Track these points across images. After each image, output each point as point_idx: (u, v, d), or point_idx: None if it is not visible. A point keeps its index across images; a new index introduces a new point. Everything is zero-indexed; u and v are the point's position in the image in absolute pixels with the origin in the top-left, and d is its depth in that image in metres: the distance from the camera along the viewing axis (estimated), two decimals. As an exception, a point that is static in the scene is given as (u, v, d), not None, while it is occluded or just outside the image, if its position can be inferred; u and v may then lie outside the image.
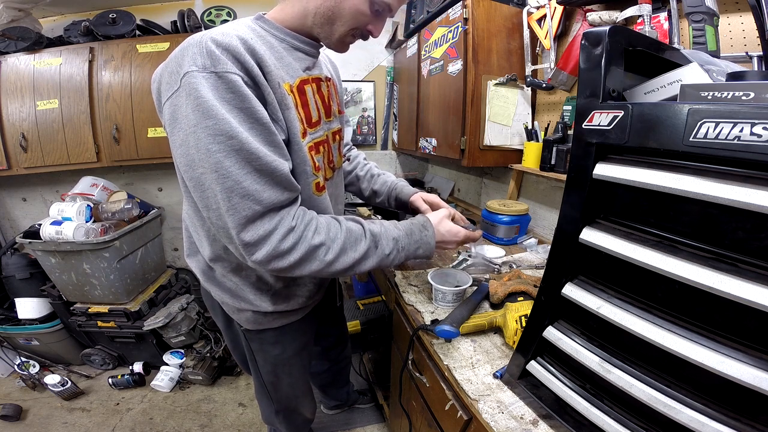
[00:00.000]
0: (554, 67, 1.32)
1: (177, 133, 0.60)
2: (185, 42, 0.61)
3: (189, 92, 0.57)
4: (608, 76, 0.47)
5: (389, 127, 2.51)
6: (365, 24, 0.73)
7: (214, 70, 0.58)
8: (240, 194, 0.60)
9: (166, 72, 0.61)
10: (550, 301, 0.58)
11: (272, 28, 0.73)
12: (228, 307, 0.90)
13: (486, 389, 0.70)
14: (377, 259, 0.75)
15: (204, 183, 0.60)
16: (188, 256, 0.90)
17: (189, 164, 0.61)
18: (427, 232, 0.83)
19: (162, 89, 0.62)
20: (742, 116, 0.34)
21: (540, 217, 1.55)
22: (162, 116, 0.65)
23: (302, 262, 0.67)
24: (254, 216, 0.61)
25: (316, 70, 0.80)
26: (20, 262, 1.93)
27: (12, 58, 1.85)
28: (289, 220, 0.65)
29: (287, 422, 1.17)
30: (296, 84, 0.72)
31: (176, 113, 0.59)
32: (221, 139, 0.58)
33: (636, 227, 0.48)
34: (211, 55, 0.58)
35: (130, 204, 1.93)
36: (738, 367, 0.37)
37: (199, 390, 1.96)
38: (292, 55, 0.74)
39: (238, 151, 0.59)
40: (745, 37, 0.85)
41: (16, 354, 1.99)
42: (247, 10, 2.12)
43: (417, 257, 0.82)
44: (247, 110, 0.60)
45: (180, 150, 0.61)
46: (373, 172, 1.18)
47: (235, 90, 0.59)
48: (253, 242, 0.62)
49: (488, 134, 1.46)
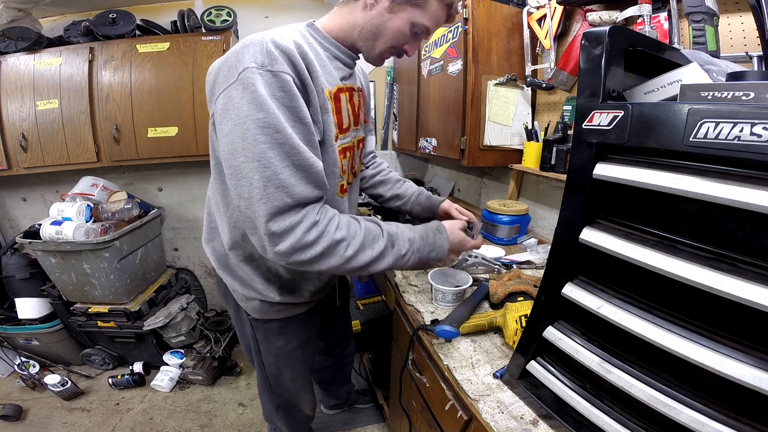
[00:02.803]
0: (554, 67, 1.32)
1: (226, 122, 0.64)
2: (246, 40, 0.66)
3: (246, 86, 0.61)
4: (608, 76, 0.47)
5: (389, 127, 2.51)
6: (403, 43, 0.79)
7: (271, 69, 0.62)
8: (276, 184, 0.63)
9: (225, 66, 0.66)
10: (550, 301, 0.58)
11: (320, 37, 0.78)
12: (238, 295, 0.93)
13: (486, 389, 0.70)
14: (393, 258, 0.76)
15: (242, 171, 0.63)
16: (206, 241, 0.93)
17: (232, 152, 0.64)
18: (441, 236, 0.84)
19: (218, 81, 0.66)
20: (742, 116, 0.34)
21: (540, 217, 1.55)
22: (213, 106, 0.69)
23: (323, 256, 0.69)
24: (284, 207, 0.64)
25: (351, 80, 0.85)
26: (20, 262, 1.93)
27: (12, 58, 1.85)
28: (313, 215, 0.68)
29: (288, 418, 1.17)
30: (334, 91, 0.76)
31: (229, 104, 0.63)
32: (269, 131, 0.62)
33: (636, 227, 0.48)
34: (270, 54, 0.63)
35: (130, 204, 1.93)
36: (738, 367, 0.37)
37: (199, 390, 1.96)
38: (333, 64, 0.79)
39: (282, 145, 0.63)
40: (745, 37, 0.85)
41: (16, 354, 1.99)
42: (247, 10, 2.12)
43: (430, 260, 0.83)
44: (294, 109, 0.65)
45: (227, 138, 0.64)
46: (397, 178, 1.24)
47: (286, 89, 0.63)
48: (279, 233, 0.65)
49: (488, 134, 1.46)
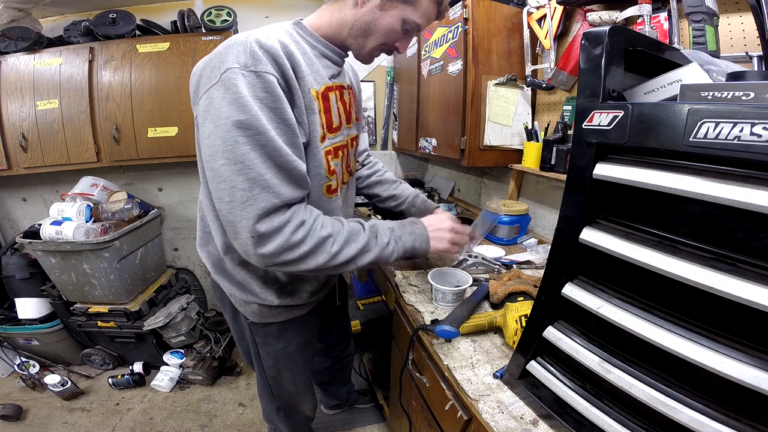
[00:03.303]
0: (554, 67, 1.32)
1: (207, 123, 0.63)
2: (230, 39, 0.65)
3: (227, 87, 0.61)
4: (608, 76, 0.47)
5: (389, 127, 2.51)
6: (394, 40, 0.79)
7: (254, 69, 0.61)
8: (261, 186, 0.63)
9: (209, 66, 0.64)
10: (550, 301, 0.58)
11: (308, 35, 0.77)
12: (235, 299, 0.92)
13: (486, 389, 0.70)
14: (378, 249, 0.77)
15: (222, 174, 0.63)
16: (200, 245, 0.92)
17: (212, 154, 0.63)
18: (416, 225, 0.87)
19: (201, 81, 0.65)
20: (742, 116, 0.34)
21: (540, 217, 1.55)
22: (196, 107, 0.68)
23: (310, 254, 0.69)
24: (272, 208, 0.64)
25: (340, 78, 0.84)
26: (20, 262, 1.93)
27: (12, 58, 1.85)
28: (300, 214, 0.69)
29: (288, 419, 1.17)
30: (322, 90, 0.76)
31: (210, 105, 0.63)
32: (251, 133, 0.61)
33: (636, 227, 0.48)
34: (254, 54, 0.62)
35: (130, 204, 1.93)
36: (738, 367, 0.37)
37: (199, 390, 1.96)
38: (321, 63, 0.78)
39: (264, 146, 0.62)
40: (745, 37, 0.85)
41: (16, 354, 1.99)
42: (247, 10, 2.12)
43: (415, 252, 0.84)
44: (277, 110, 0.64)
45: (207, 140, 0.64)
46: (393, 179, 1.26)
47: (269, 90, 0.63)
48: (267, 233, 0.65)
49: (488, 134, 1.46)
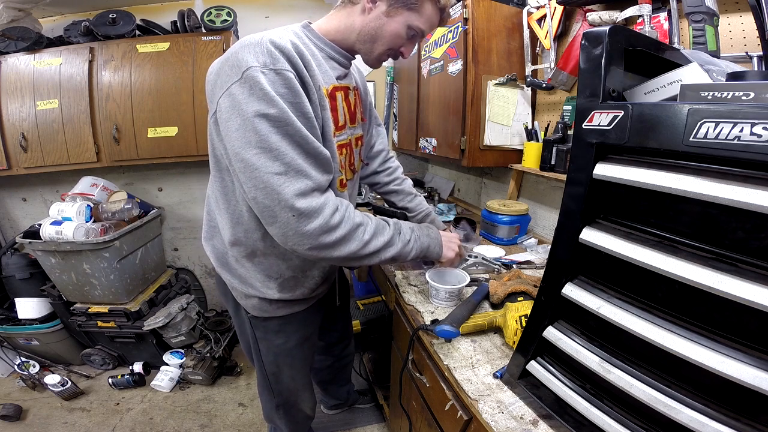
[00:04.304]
0: (554, 67, 1.32)
1: (234, 118, 0.66)
2: (244, 40, 0.68)
3: (252, 84, 0.64)
4: (608, 76, 0.47)
5: (389, 127, 2.51)
6: (399, 46, 0.83)
7: (273, 67, 0.65)
8: (296, 169, 0.67)
9: (226, 65, 0.68)
10: (550, 301, 0.58)
11: (315, 38, 0.81)
12: (237, 292, 0.94)
13: (486, 389, 0.70)
14: (401, 245, 0.83)
15: (255, 163, 0.66)
16: (205, 239, 0.94)
17: (243, 146, 0.66)
18: (431, 229, 0.94)
19: (219, 81, 0.69)
20: (742, 116, 0.34)
21: (540, 217, 1.55)
22: (214, 106, 0.71)
23: (345, 240, 0.73)
24: (307, 190, 0.69)
25: (347, 79, 0.88)
26: (20, 262, 1.93)
27: (12, 58, 1.85)
28: (334, 199, 0.73)
29: (287, 417, 1.17)
30: (330, 89, 0.79)
31: (234, 101, 0.66)
32: (279, 124, 0.66)
33: (636, 227, 0.48)
34: (271, 54, 0.66)
35: (130, 204, 1.93)
36: (738, 367, 0.37)
37: (199, 390, 1.96)
38: (329, 64, 0.82)
39: (292, 136, 0.67)
40: (745, 37, 0.85)
41: (16, 354, 1.99)
42: (247, 10, 2.12)
43: (429, 254, 0.92)
44: (298, 104, 0.68)
45: (236, 134, 0.67)
46: (410, 191, 1.29)
47: (289, 86, 0.67)
48: (308, 213, 0.68)
49: (488, 134, 1.46)
